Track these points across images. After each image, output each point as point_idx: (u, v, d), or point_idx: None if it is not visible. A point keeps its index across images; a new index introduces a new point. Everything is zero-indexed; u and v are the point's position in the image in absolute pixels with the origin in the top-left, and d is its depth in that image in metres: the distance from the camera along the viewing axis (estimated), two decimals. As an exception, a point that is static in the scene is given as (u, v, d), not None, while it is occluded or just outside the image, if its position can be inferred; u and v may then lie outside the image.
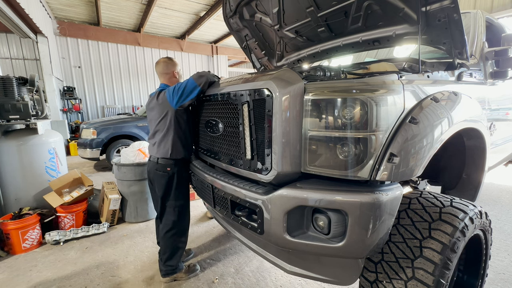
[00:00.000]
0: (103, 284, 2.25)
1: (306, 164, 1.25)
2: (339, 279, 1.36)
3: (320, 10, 2.20)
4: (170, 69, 2.26)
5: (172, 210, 2.18)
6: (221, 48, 14.13)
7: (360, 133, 1.12)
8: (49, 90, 8.12)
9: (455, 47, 1.70)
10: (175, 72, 2.28)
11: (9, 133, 3.27)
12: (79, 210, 3.19)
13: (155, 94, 2.18)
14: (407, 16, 1.81)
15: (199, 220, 3.47)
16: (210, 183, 1.71)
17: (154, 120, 2.16)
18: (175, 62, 2.33)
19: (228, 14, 2.76)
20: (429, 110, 1.26)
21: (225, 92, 1.59)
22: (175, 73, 2.29)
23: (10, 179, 3.18)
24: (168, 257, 2.19)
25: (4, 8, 5.27)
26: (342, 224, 1.14)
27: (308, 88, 1.24)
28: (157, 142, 2.15)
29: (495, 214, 3.30)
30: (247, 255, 2.61)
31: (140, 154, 3.38)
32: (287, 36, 2.73)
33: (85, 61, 10.66)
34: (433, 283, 1.15)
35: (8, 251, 2.79)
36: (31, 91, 3.61)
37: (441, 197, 1.42)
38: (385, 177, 1.12)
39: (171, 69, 2.26)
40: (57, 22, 9.72)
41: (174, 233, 2.18)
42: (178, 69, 2.32)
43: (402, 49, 2.78)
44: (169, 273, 2.22)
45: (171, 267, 2.21)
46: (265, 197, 1.27)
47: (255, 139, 1.40)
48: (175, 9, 9.35)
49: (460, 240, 1.22)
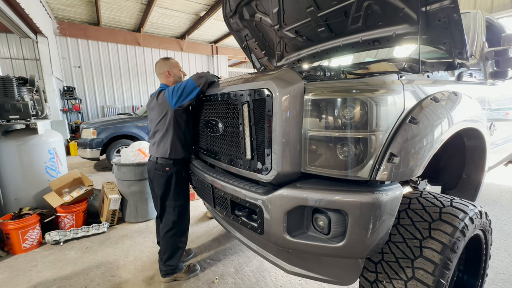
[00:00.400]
0: (103, 284, 2.25)
1: (306, 164, 1.25)
2: (339, 279, 1.36)
3: (320, 10, 2.20)
4: (163, 68, 2.25)
5: (172, 210, 2.18)
6: (221, 48, 14.13)
7: (360, 133, 1.12)
8: (49, 90, 8.12)
9: (455, 47, 1.70)
10: (168, 71, 2.25)
11: (9, 133, 3.27)
12: (79, 210, 3.19)
13: (155, 94, 2.19)
14: (407, 16, 1.81)
15: (199, 220, 3.47)
16: (210, 183, 1.71)
17: (154, 120, 2.16)
18: (169, 61, 2.29)
19: (228, 14, 2.76)
20: (429, 110, 1.26)
21: (225, 92, 1.59)
22: (168, 72, 2.25)
23: (10, 179, 3.18)
24: (168, 257, 2.20)
25: (4, 8, 5.27)
26: (342, 224, 1.14)
27: (308, 88, 1.24)
28: (156, 141, 2.16)
29: (495, 214, 3.30)
30: (247, 255, 2.61)
31: (140, 154, 3.38)
32: (287, 36, 2.73)
33: (85, 61, 10.66)
34: (433, 283, 1.15)
35: (8, 251, 2.79)
36: (31, 91, 3.61)
37: (441, 197, 1.42)
38: (385, 177, 1.12)
39: (164, 68, 2.25)
40: (57, 22, 9.72)
41: (174, 233, 2.18)
42: (173, 67, 2.28)
43: (402, 49, 2.78)
44: (169, 273, 2.22)
45: (171, 267, 2.21)
46: (265, 197, 1.27)
47: (255, 139, 1.40)
48: (175, 9, 9.35)
49: (460, 240, 1.22)
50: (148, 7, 8.87)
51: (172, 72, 2.27)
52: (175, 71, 2.29)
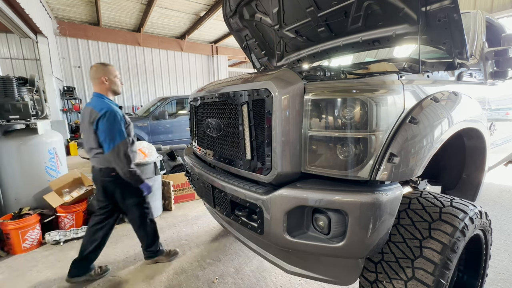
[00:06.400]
0: (103, 284, 2.25)
1: (306, 164, 1.25)
2: (339, 279, 1.36)
3: (320, 10, 2.20)
4: (99, 74, 2.14)
5: (132, 208, 2.33)
6: (221, 48, 14.13)
7: (360, 133, 1.12)
8: (49, 90, 8.12)
9: (455, 47, 1.70)
10: (104, 78, 2.15)
11: (9, 133, 3.27)
12: (79, 210, 3.19)
13: (84, 110, 2.16)
14: (407, 16, 1.81)
15: (199, 220, 3.47)
16: (210, 183, 1.71)
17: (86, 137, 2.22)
18: (107, 68, 2.18)
19: (228, 14, 2.75)
20: (429, 110, 1.26)
21: (225, 93, 1.59)
22: (105, 78, 2.15)
23: (10, 179, 3.18)
24: (147, 246, 2.46)
25: (4, 8, 5.27)
26: (342, 224, 1.14)
27: (308, 88, 1.24)
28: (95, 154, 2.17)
29: (495, 214, 3.30)
30: (247, 255, 2.61)
31: (140, 154, 3.38)
32: (287, 36, 2.72)
33: (85, 61, 10.66)
34: (433, 283, 1.15)
35: (8, 251, 2.79)
36: (31, 91, 3.62)
37: (441, 197, 1.42)
38: (385, 177, 1.12)
39: (100, 74, 2.14)
40: (57, 22, 9.72)
41: (144, 226, 2.41)
42: (109, 74, 2.18)
43: (402, 49, 2.78)
44: (151, 257, 2.50)
45: (152, 252, 2.49)
46: (265, 197, 1.27)
47: (255, 139, 1.40)
48: (175, 9, 9.35)
49: (460, 240, 1.22)
50: (148, 7, 8.88)
51: (108, 79, 2.16)
52: (112, 78, 2.18)
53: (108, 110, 2.02)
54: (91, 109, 2.06)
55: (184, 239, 2.97)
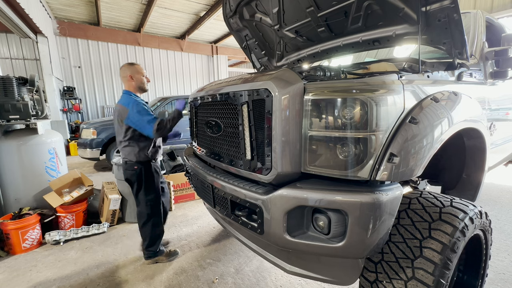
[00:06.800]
0: (103, 284, 2.25)
1: (306, 164, 1.25)
2: (339, 279, 1.36)
3: (320, 10, 2.19)
4: (126, 72, 2.37)
5: (144, 204, 2.42)
6: (221, 48, 14.13)
7: (360, 133, 1.12)
8: (49, 90, 8.11)
9: (455, 47, 1.70)
10: (130, 76, 2.37)
11: (9, 133, 3.27)
12: (79, 210, 3.19)
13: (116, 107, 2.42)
14: (407, 16, 1.81)
15: (199, 220, 3.47)
16: (210, 183, 1.71)
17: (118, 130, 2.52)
18: (133, 67, 2.41)
19: (228, 14, 2.76)
20: (429, 110, 1.26)
21: (225, 93, 1.59)
22: (131, 76, 2.38)
23: (10, 179, 3.18)
24: (148, 245, 2.49)
25: (4, 8, 5.27)
26: (342, 224, 1.14)
27: (308, 88, 1.24)
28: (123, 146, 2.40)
29: (495, 214, 3.30)
30: (247, 255, 2.61)
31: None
32: (287, 36, 2.72)
33: (85, 61, 10.66)
34: (433, 283, 1.15)
35: (8, 251, 2.79)
36: (31, 91, 3.62)
37: (441, 197, 1.42)
38: (385, 177, 1.12)
39: (127, 72, 2.37)
40: (57, 22, 9.71)
41: (151, 224, 2.45)
42: (136, 73, 2.39)
43: (402, 49, 2.78)
44: (151, 257, 2.52)
45: (152, 252, 2.52)
46: (265, 197, 1.27)
47: (255, 139, 1.40)
48: (175, 9, 9.35)
49: (460, 240, 1.22)
50: (148, 7, 8.87)
51: (134, 77, 2.38)
52: (138, 76, 2.39)
53: (134, 103, 2.25)
54: (120, 106, 2.30)
55: (184, 239, 2.97)
